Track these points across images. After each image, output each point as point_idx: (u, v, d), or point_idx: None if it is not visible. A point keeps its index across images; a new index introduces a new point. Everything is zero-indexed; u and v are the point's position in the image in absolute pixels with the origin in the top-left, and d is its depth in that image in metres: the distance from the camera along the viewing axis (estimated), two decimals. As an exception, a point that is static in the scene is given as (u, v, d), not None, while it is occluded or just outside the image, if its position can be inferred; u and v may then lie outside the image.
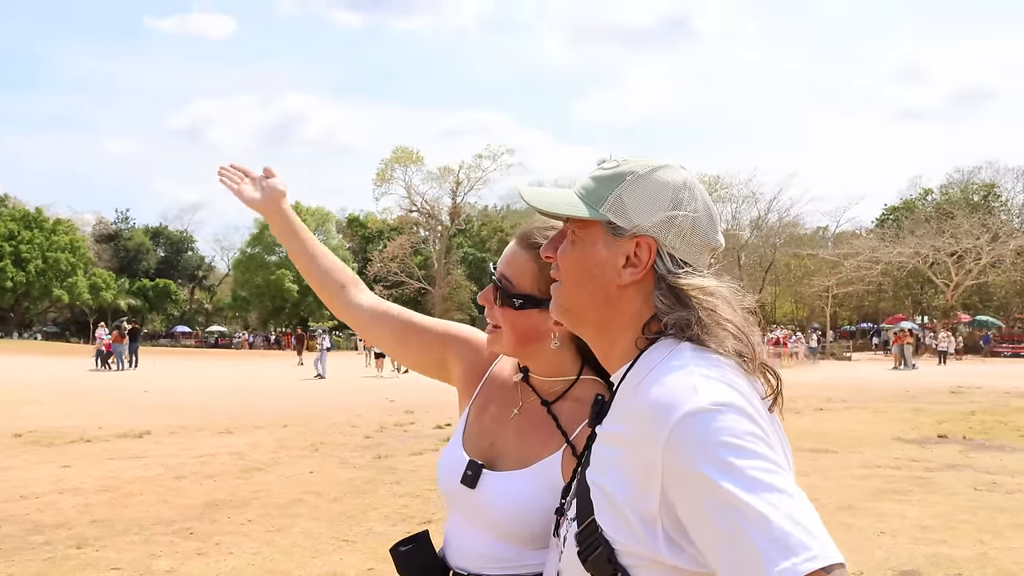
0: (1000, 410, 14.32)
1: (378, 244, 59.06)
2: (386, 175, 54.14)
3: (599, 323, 1.11)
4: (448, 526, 1.56)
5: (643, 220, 1.06)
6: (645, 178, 1.09)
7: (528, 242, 1.48)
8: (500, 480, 1.47)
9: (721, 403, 0.90)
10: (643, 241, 1.06)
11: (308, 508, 6.53)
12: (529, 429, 1.52)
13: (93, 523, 5.97)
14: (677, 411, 0.90)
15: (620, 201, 1.08)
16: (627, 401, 1.02)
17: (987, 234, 43.99)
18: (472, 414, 1.60)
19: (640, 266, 1.06)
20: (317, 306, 62.35)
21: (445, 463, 1.56)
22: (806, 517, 0.83)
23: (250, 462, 8.69)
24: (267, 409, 14.33)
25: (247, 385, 20.95)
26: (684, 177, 1.10)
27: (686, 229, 1.07)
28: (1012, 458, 9.18)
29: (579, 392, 1.53)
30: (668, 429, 0.89)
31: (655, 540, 0.92)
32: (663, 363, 0.99)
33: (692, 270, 1.06)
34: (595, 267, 1.09)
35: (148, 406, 14.55)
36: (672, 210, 1.07)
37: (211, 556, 5.18)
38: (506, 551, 1.46)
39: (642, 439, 0.93)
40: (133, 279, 69.07)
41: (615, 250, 1.07)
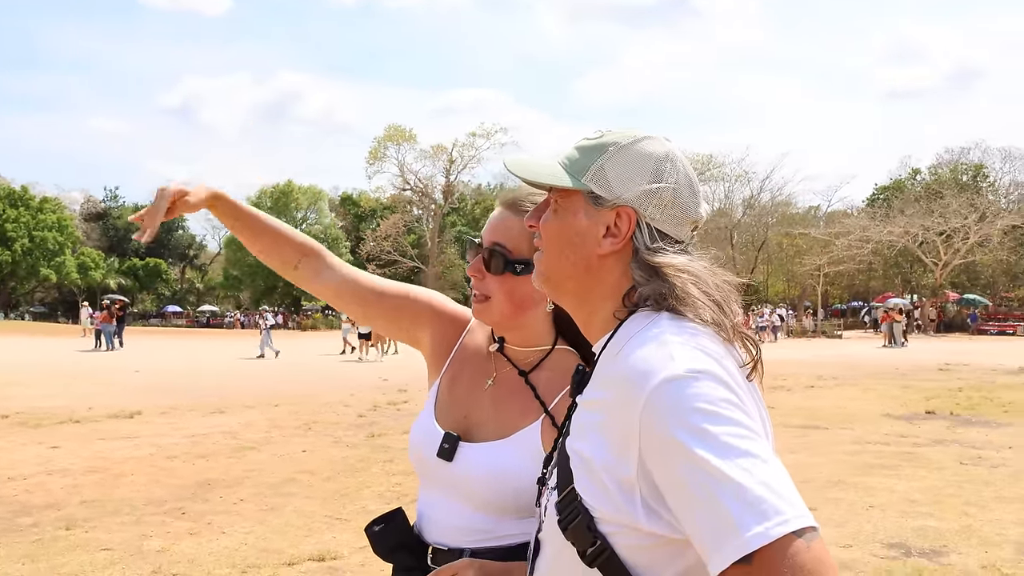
0: (986, 387, 14.46)
1: (371, 223, 58.82)
2: (379, 153, 53.82)
3: (579, 292, 1.12)
4: (422, 502, 1.55)
5: (624, 191, 1.07)
6: (627, 149, 1.09)
7: (519, 208, 1.47)
8: (479, 451, 1.46)
9: (697, 370, 0.91)
10: (623, 211, 1.07)
11: (301, 487, 6.54)
12: (506, 399, 1.51)
13: (83, 504, 5.96)
14: (654, 378, 0.90)
15: (602, 171, 1.08)
16: (607, 369, 1.03)
17: (975, 214, 44.21)
18: (443, 386, 1.57)
19: (620, 236, 1.07)
20: (308, 285, 62.26)
21: (418, 437, 1.54)
22: (779, 482, 0.84)
23: (242, 441, 8.69)
24: (259, 388, 14.32)
25: (238, 365, 20.91)
26: (667, 149, 1.10)
27: (666, 200, 1.08)
28: (997, 433, 9.31)
29: (555, 362, 1.54)
30: (645, 396, 0.90)
31: (633, 507, 0.92)
32: (642, 332, 1.00)
33: (668, 245, 1.07)
34: (576, 236, 1.09)
35: (138, 386, 14.51)
36: (653, 181, 1.07)
37: (203, 536, 5.18)
38: (485, 522, 1.45)
39: (620, 406, 0.94)
40: (123, 258, 68.66)
41: (595, 220, 1.08)
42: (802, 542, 0.81)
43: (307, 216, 65.23)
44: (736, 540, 0.81)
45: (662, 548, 0.94)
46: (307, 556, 4.75)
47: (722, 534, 0.82)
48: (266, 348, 24.52)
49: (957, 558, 4.72)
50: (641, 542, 0.94)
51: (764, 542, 0.80)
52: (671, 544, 0.93)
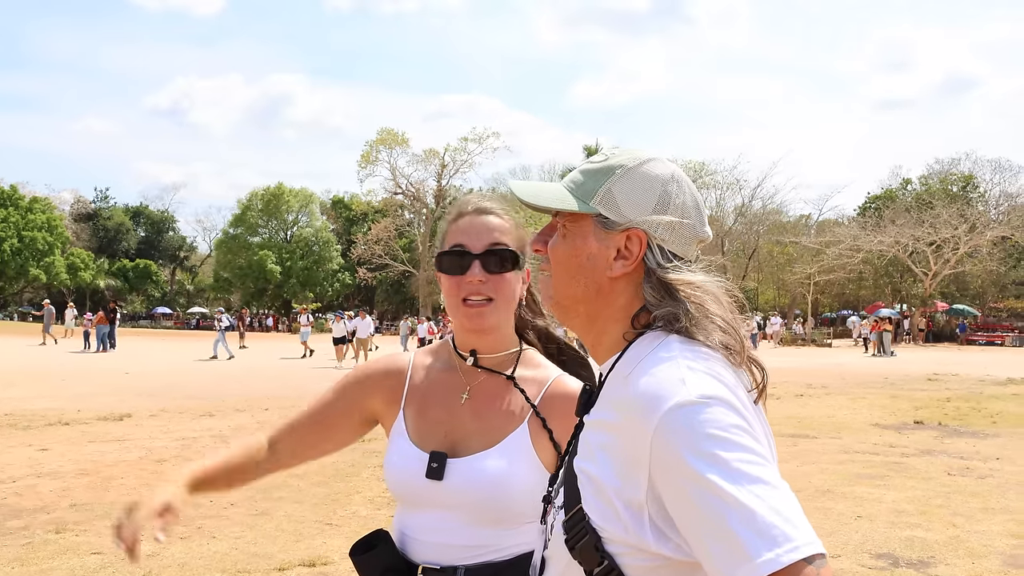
0: (974, 397, 14.53)
1: (362, 226, 58.73)
2: (371, 157, 53.72)
3: (589, 314, 1.12)
4: (405, 525, 1.54)
5: (633, 213, 1.08)
6: (634, 171, 1.10)
7: (498, 211, 1.56)
8: (469, 464, 1.46)
9: (708, 396, 0.91)
10: (634, 234, 1.08)
11: (291, 492, 6.53)
12: (485, 409, 1.52)
13: (73, 507, 5.95)
14: (665, 403, 0.91)
15: (610, 194, 1.09)
16: (616, 391, 1.03)
17: (965, 224, 44.46)
18: (411, 415, 1.57)
19: (631, 258, 1.08)
20: (300, 287, 62.13)
21: (398, 463, 1.52)
22: (789, 508, 0.85)
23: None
24: (249, 391, 14.27)
25: (228, 367, 20.83)
26: (672, 170, 1.12)
27: (675, 222, 1.09)
28: (985, 444, 9.35)
29: (524, 363, 1.57)
30: (656, 420, 0.91)
31: (641, 528, 0.93)
32: (652, 355, 1.00)
33: (681, 264, 1.08)
34: (586, 260, 1.10)
35: (128, 388, 14.44)
36: (661, 203, 1.09)
37: (193, 540, 5.17)
38: (481, 536, 1.45)
39: (630, 429, 0.94)
40: (113, 259, 68.34)
41: (606, 243, 1.09)
42: (812, 569, 0.82)
43: (298, 219, 65.10)
44: (747, 566, 0.82)
45: (669, 569, 0.95)
46: (297, 561, 4.75)
47: (733, 560, 0.83)
48: (219, 349, 24.34)
49: (944, 569, 4.75)
50: (648, 563, 0.95)
51: (775, 568, 0.81)
52: (678, 566, 0.94)
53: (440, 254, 1.55)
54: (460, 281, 1.51)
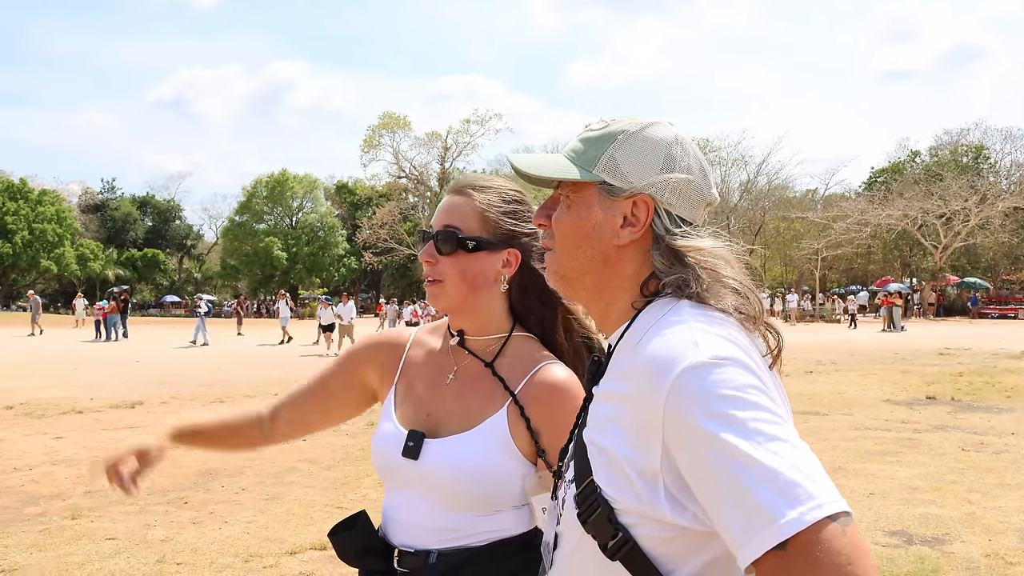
0: (988, 371, 14.46)
1: (367, 211, 58.71)
2: (373, 141, 53.64)
3: (596, 285, 1.10)
4: (387, 504, 1.53)
5: (638, 178, 1.06)
6: (636, 136, 1.08)
7: (468, 190, 1.52)
8: (445, 445, 1.45)
9: (721, 356, 0.89)
10: (640, 199, 1.05)
11: (302, 476, 6.55)
12: (468, 391, 1.50)
13: (87, 494, 5.98)
14: (676, 366, 0.89)
15: (613, 160, 1.07)
16: (625, 360, 1.01)
17: (975, 196, 44.04)
18: (400, 392, 1.57)
19: (638, 225, 1.06)
20: (307, 273, 62.27)
21: (380, 440, 1.52)
22: (810, 466, 0.82)
23: (243, 431, 8.69)
24: (258, 378, 14.33)
25: (237, 354, 20.92)
26: (674, 133, 1.10)
27: (681, 184, 1.07)
28: (999, 419, 9.30)
29: (514, 348, 1.54)
30: (668, 384, 0.89)
31: (656, 498, 0.91)
32: (662, 320, 0.98)
33: (690, 229, 1.06)
34: (592, 230, 1.07)
35: (140, 376, 14.52)
36: (666, 166, 1.06)
37: (206, 525, 5.20)
38: (456, 520, 1.43)
39: (642, 396, 0.92)
40: (121, 249, 68.61)
41: (612, 211, 1.07)
42: (837, 526, 0.79)
43: (303, 205, 65.13)
44: (770, 527, 0.79)
45: (686, 539, 0.92)
46: (309, 545, 4.77)
47: (754, 522, 0.80)
48: (199, 335, 24.37)
49: (960, 546, 4.71)
50: (664, 534, 0.92)
51: (799, 528, 0.78)
52: (696, 536, 0.91)
53: (420, 233, 1.57)
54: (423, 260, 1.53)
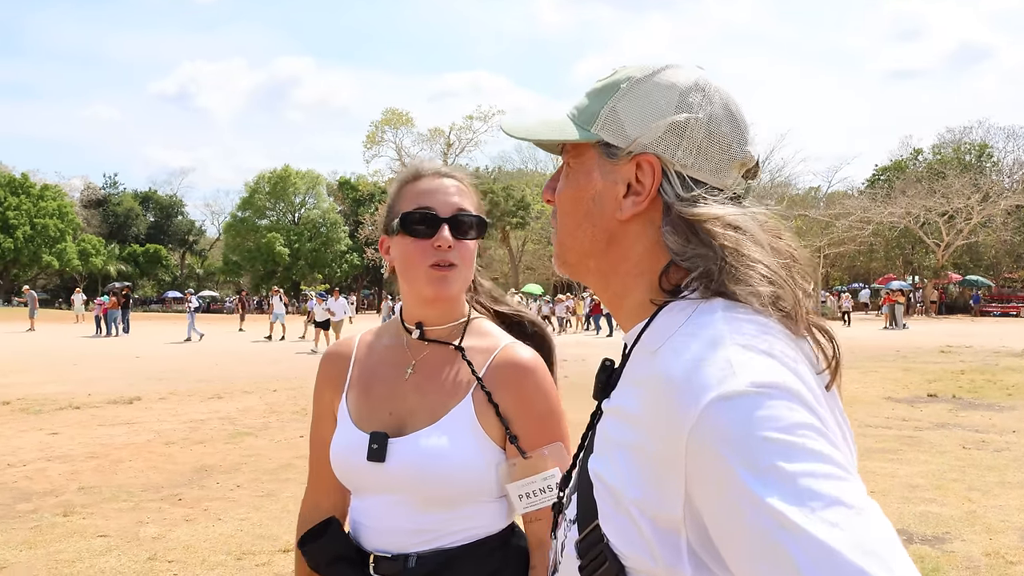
0: (989, 369, 14.40)
1: (369, 207, 58.64)
2: (376, 137, 53.60)
3: (601, 270, 0.91)
4: (356, 511, 1.47)
5: (641, 132, 0.85)
6: (644, 82, 0.87)
7: (456, 174, 1.49)
8: (411, 443, 1.39)
9: (766, 384, 0.69)
10: (644, 160, 0.85)
11: (298, 472, 6.50)
12: (428, 384, 1.44)
13: (81, 490, 5.94)
14: (706, 393, 0.69)
15: (614, 114, 0.87)
16: (641, 371, 0.82)
17: (978, 194, 43.97)
18: (353, 398, 1.49)
19: (644, 192, 0.85)
20: (309, 269, 62.23)
21: (340, 448, 1.44)
22: (880, 541, 0.62)
23: (240, 427, 8.66)
24: (257, 374, 14.29)
25: (238, 350, 20.89)
26: (696, 77, 0.87)
27: (699, 138, 0.84)
28: (1000, 416, 9.24)
29: (474, 331, 1.50)
30: (694, 417, 0.69)
31: (676, 557, 0.72)
32: (688, 324, 0.79)
33: (707, 193, 0.84)
34: (591, 201, 0.88)
35: (139, 372, 14.48)
36: (679, 116, 0.84)
37: (199, 522, 5.15)
38: (431, 520, 1.38)
39: (659, 425, 0.73)
40: (123, 244, 68.62)
41: (613, 177, 0.87)
42: None
43: (305, 201, 65.10)
44: None
45: None
46: (304, 543, 4.72)
47: None
48: (192, 332, 24.14)
49: (960, 545, 4.66)
50: None
51: None
52: None
53: (405, 215, 1.43)
54: (427, 245, 1.42)
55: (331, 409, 1.54)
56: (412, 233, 1.43)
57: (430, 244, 1.42)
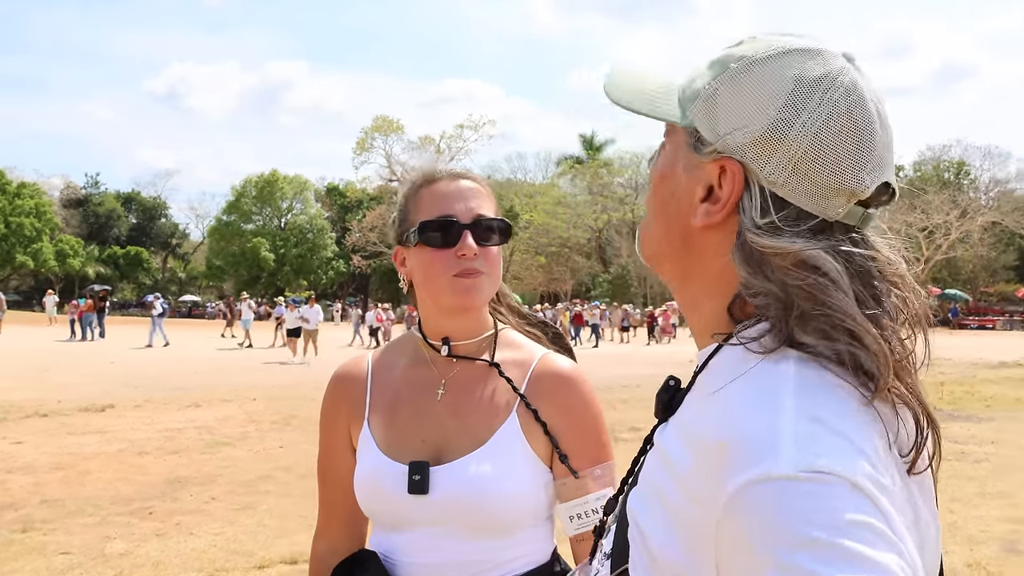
0: (968, 381, 14.49)
1: (357, 213, 58.42)
2: (366, 144, 53.46)
3: (677, 273, 0.79)
4: (390, 546, 1.34)
5: (733, 131, 0.70)
6: (759, 65, 0.71)
7: (472, 177, 1.40)
8: (457, 470, 1.28)
9: (824, 470, 0.58)
10: (728, 165, 0.70)
11: (276, 484, 6.38)
12: (465, 404, 1.33)
13: (43, 503, 5.74)
14: (750, 468, 0.59)
15: (713, 99, 0.72)
16: (695, 411, 0.72)
17: (956, 210, 44.82)
18: (378, 424, 1.37)
19: (721, 203, 0.71)
20: (294, 275, 61.84)
21: (369, 481, 1.33)
22: None
23: (218, 437, 8.50)
24: (237, 382, 14.09)
25: (218, 356, 20.64)
26: (828, 69, 0.70)
27: (799, 150, 0.68)
28: (979, 428, 9.29)
29: (504, 343, 1.40)
30: (731, 491, 0.59)
31: None
32: (751, 376, 0.67)
33: (792, 225, 0.68)
34: (670, 195, 0.76)
35: (113, 378, 14.23)
36: (783, 119, 0.69)
37: (170, 537, 5.00)
38: (478, 550, 1.28)
39: (697, 487, 0.64)
40: (103, 246, 67.83)
41: (695, 173, 0.73)
42: None
43: (292, 206, 64.77)
44: None
45: None
46: (278, 559, 4.59)
47: None
48: (153, 337, 23.69)
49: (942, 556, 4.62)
50: None
51: None
52: None
53: (424, 224, 1.33)
54: (450, 254, 1.31)
55: (347, 439, 1.42)
56: (432, 243, 1.32)
57: (452, 253, 1.31)
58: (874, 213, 0.73)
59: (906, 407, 0.67)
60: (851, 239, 0.70)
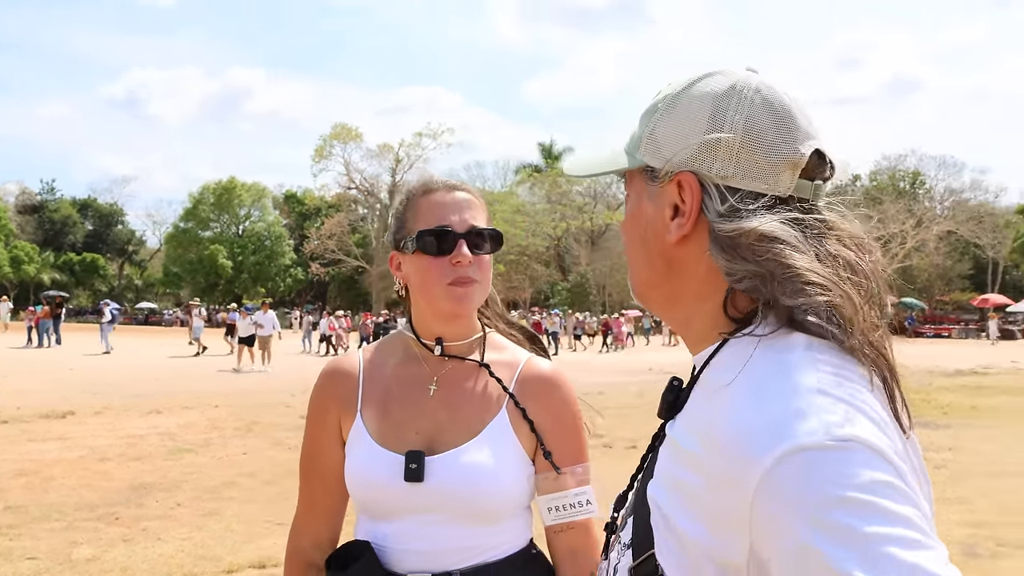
0: (924, 389, 14.78)
1: (315, 221, 57.97)
2: (324, 151, 53.07)
3: (668, 297, 0.88)
4: (383, 534, 1.39)
5: (676, 150, 0.82)
6: (679, 97, 0.84)
7: (466, 188, 1.47)
8: (451, 459, 1.35)
9: (846, 437, 0.65)
10: (683, 179, 0.81)
11: (241, 491, 6.32)
12: (457, 399, 1.41)
13: (7, 510, 5.64)
14: (779, 444, 0.65)
15: (653, 135, 0.84)
16: (706, 406, 0.78)
17: (912, 219, 45.70)
18: (371, 417, 1.42)
19: (687, 213, 0.81)
20: (252, 283, 61.11)
21: (364, 471, 1.38)
22: None
23: (180, 443, 8.39)
24: (198, 388, 13.92)
25: (177, 364, 20.33)
26: (733, 81, 0.82)
27: (736, 144, 0.79)
28: (937, 435, 9.47)
29: (492, 345, 1.49)
30: (762, 469, 0.65)
31: None
32: (762, 362, 0.74)
33: (753, 203, 0.78)
34: (645, 229, 0.86)
35: (72, 385, 13.96)
36: (712, 126, 0.80)
37: (137, 543, 4.94)
38: (470, 536, 1.35)
39: (723, 471, 0.69)
40: (58, 253, 66.38)
41: (659, 200, 0.84)
42: None
43: (250, 213, 64.04)
44: None
45: None
46: (247, 563, 4.57)
47: None
48: (104, 342, 23.17)
49: (904, 559, 4.74)
50: None
51: None
52: None
53: (422, 233, 1.40)
54: (445, 262, 1.39)
55: (336, 433, 1.47)
56: (429, 251, 1.40)
57: (448, 261, 1.39)
58: (822, 185, 0.83)
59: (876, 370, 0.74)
60: (801, 208, 0.80)
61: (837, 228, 0.80)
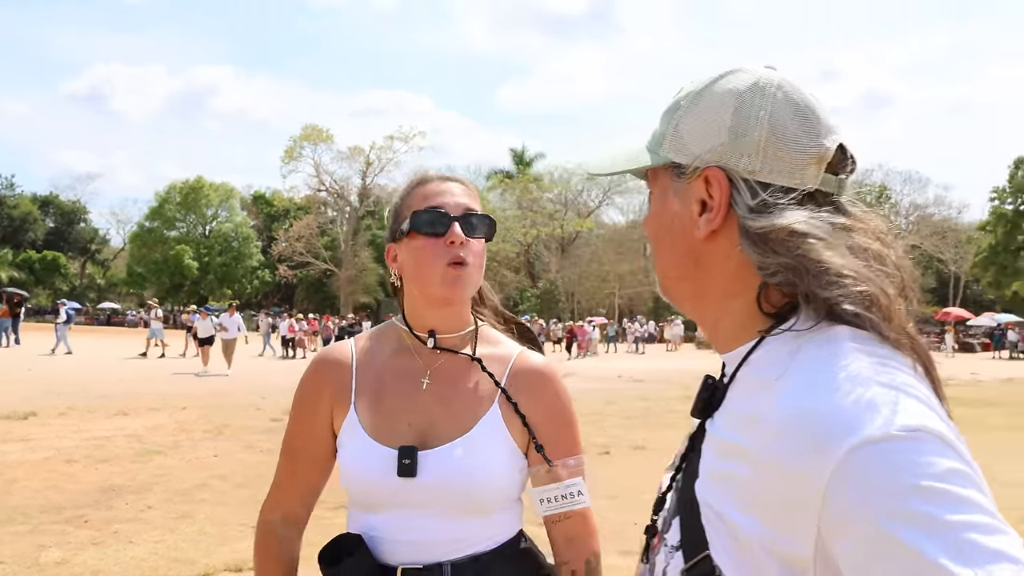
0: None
1: (284, 223, 57.44)
2: (294, 153, 52.62)
3: (696, 293, 0.88)
4: (372, 527, 1.39)
5: (702, 147, 0.83)
6: (702, 94, 0.85)
7: (461, 180, 1.50)
8: (444, 455, 1.36)
9: (915, 427, 0.65)
10: (710, 174, 0.82)
11: (214, 493, 6.22)
12: (450, 393, 1.42)
13: (-28, 512, 5.50)
14: (852, 435, 0.65)
15: (677, 132, 0.86)
16: (753, 402, 0.78)
17: (877, 233, 46.76)
18: (364, 409, 1.42)
19: (716, 208, 0.82)
20: (218, 284, 60.33)
21: (360, 465, 1.38)
22: None
23: (149, 445, 8.23)
24: (165, 390, 13.69)
25: (141, 365, 19.98)
26: (755, 78, 0.84)
27: (761, 140, 0.81)
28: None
29: (485, 339, 1.49)
30: (836, 460, 0.65)
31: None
32: (809, 353, 0.74)
33: (775, 200, 0.80)
34: (673, 225, 0.87)
35: (33, 385, 13.63)
36: (737, 123, 0.82)
37: (108, 545, 4.83)
38: (465, 529, 1.37)
39: (787, 464, 0.69)
40: (17, 250, 64.94)
41: (686, 196, 0.84)
42: None
43: (217, 214, 63.24)
44: None
45: None
46: (222, 566, 4.50)
47: None
48: (60, 343, 22.60)
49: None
50: None
51: None
52: None
53: (416, 213, 1.41)
54: (440, 243, 1.39)
55: (327, 420, 1.46)
56: (423, 230, 1.40)
57: (442, 242, 1.39)
58: (845, 180, 0.85)
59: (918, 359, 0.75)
60: (830, 203, 0.82)
61: (862, 222, 0.82)
